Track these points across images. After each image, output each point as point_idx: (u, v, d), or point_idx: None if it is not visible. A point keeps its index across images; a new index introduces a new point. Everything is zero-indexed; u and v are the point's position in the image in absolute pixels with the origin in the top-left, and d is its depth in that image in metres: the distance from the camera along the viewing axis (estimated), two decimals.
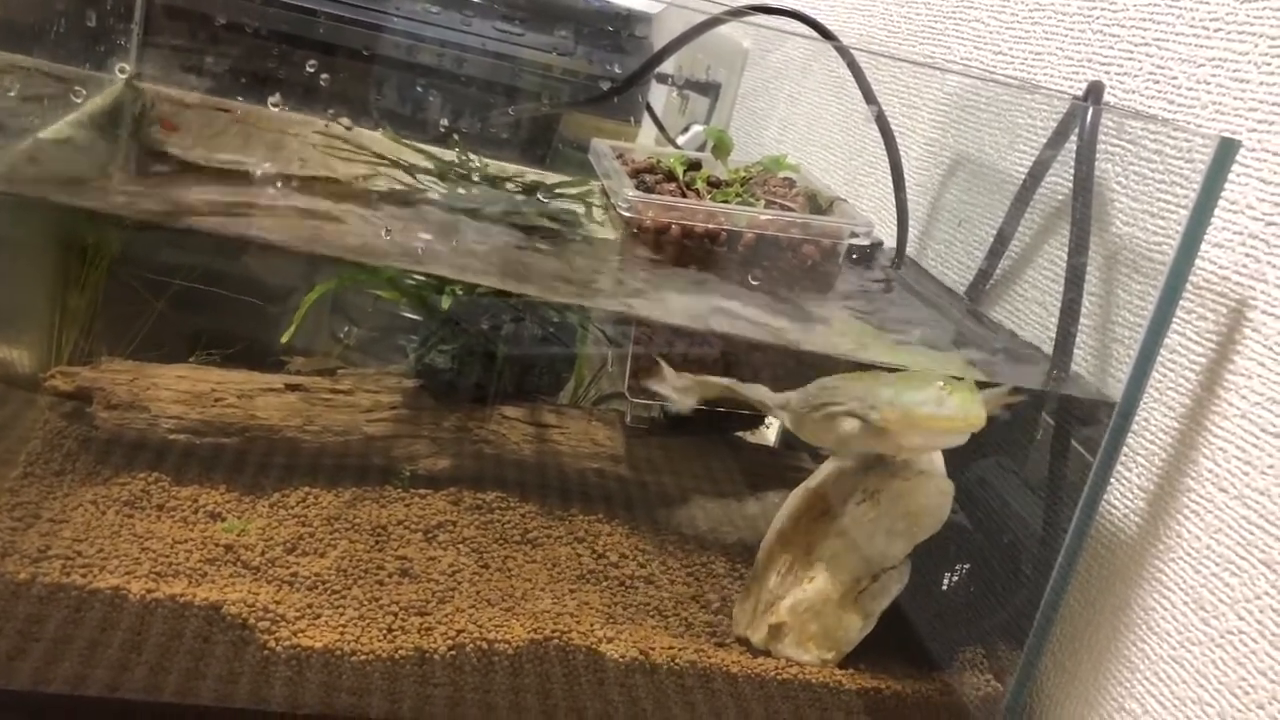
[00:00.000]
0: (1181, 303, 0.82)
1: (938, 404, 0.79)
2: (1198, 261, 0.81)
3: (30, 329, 1.02)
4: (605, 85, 1.26)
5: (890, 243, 1.14)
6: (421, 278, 1.03)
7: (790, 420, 0.91)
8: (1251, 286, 0.78)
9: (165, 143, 0.90)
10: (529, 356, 1.05)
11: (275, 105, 0.82)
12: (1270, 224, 0.77)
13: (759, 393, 0.94)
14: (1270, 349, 0.76)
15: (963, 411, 0.79)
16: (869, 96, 1.07)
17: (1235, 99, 0.82)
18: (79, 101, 0.84)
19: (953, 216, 1.14)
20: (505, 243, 0.90)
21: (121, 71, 0.90)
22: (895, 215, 1.14)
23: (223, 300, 1.12)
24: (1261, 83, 0.80)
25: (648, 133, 1.37)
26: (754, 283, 0.91)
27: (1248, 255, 0.79)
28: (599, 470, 1.02)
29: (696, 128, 1.49)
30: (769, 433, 1.18)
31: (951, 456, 0.91)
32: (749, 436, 1.12)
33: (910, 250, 1.15)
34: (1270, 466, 0.74)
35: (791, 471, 1.04)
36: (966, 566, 0.97)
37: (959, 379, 0.81)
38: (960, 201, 1.14)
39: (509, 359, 1.03)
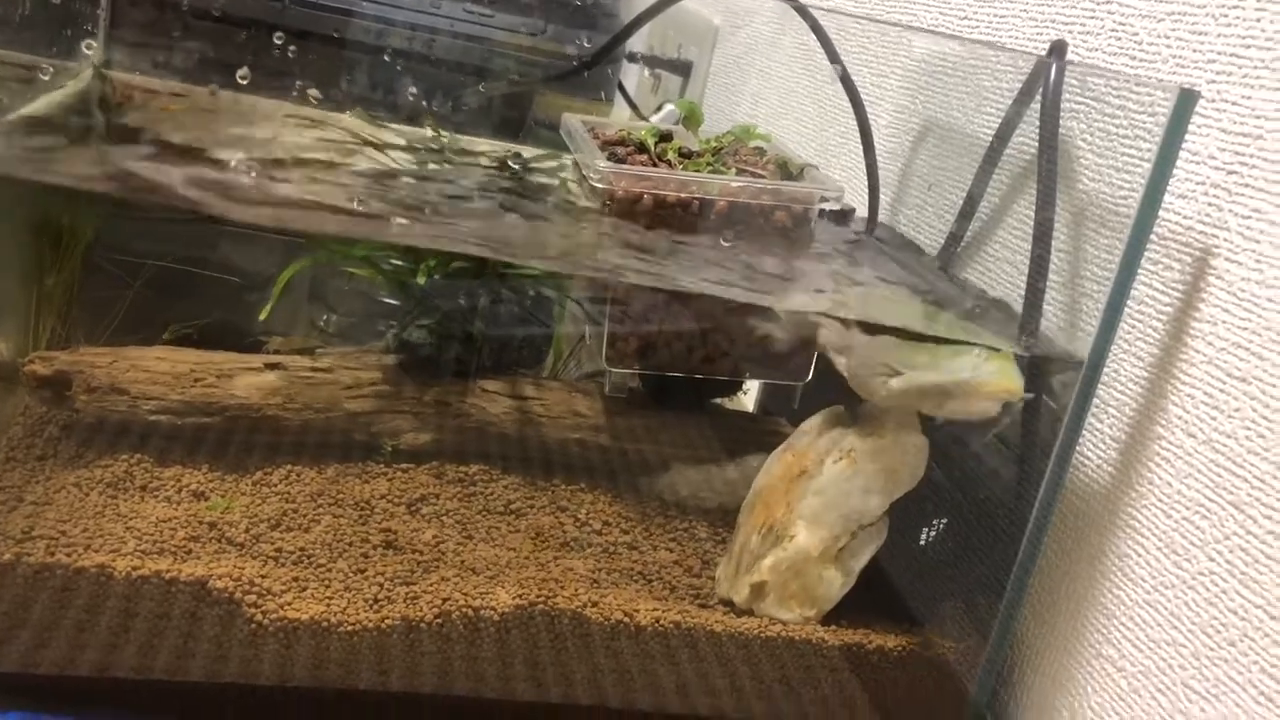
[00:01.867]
0: (1147, 254, 0.84)
1: (973, 371, 0.82)
2: (1162, 213, 0.83)
3: (7, 316, 1.02)
4: (576, 63, 1.27)
5: (863, 210, 1.15)
6: (398, 259, 1.04)
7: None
8: (1214, 234, 0.79)
9: (131, 121, 0.90)
10: (507, 330, 1.05)
11: (244, 79, 0.82)
12: (1231, 172, 0.78)
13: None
14: (1234, 295, 0.77)
15: (998, 378, 0.82)
16: (832, 56, 1.08)
17: (1194, 51, 0.83)
18: (46, 79, 0.84)
19: (923, 181, 1.16)
20: (480, 213, 0.90)
21: (89, 49, 0.90)
22: (864, 176, 1.15)
23: (200, 286, 1.12)
24: (1219, 35, 0.81)
25: (621, 114, 1.38)
26: (725, 243, 0.92)
27: (1210, 204, 0.80)
28: (580, 440, 1.03)
29: (669, 106, 1.49)
30: (747, 399, 1.20)
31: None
32: (726, 404, 1.13)
33: (883, 217, 1.16)
34: (1236, 410, 0.76)
35: (769, 436, 1.05)
36: (944, 522, 0.98)
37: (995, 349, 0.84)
38: (930, 166, 1.16)
39: (487, 333, 1.04)
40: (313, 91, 0.87)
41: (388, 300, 1.09)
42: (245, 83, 0.83)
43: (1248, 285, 0.76)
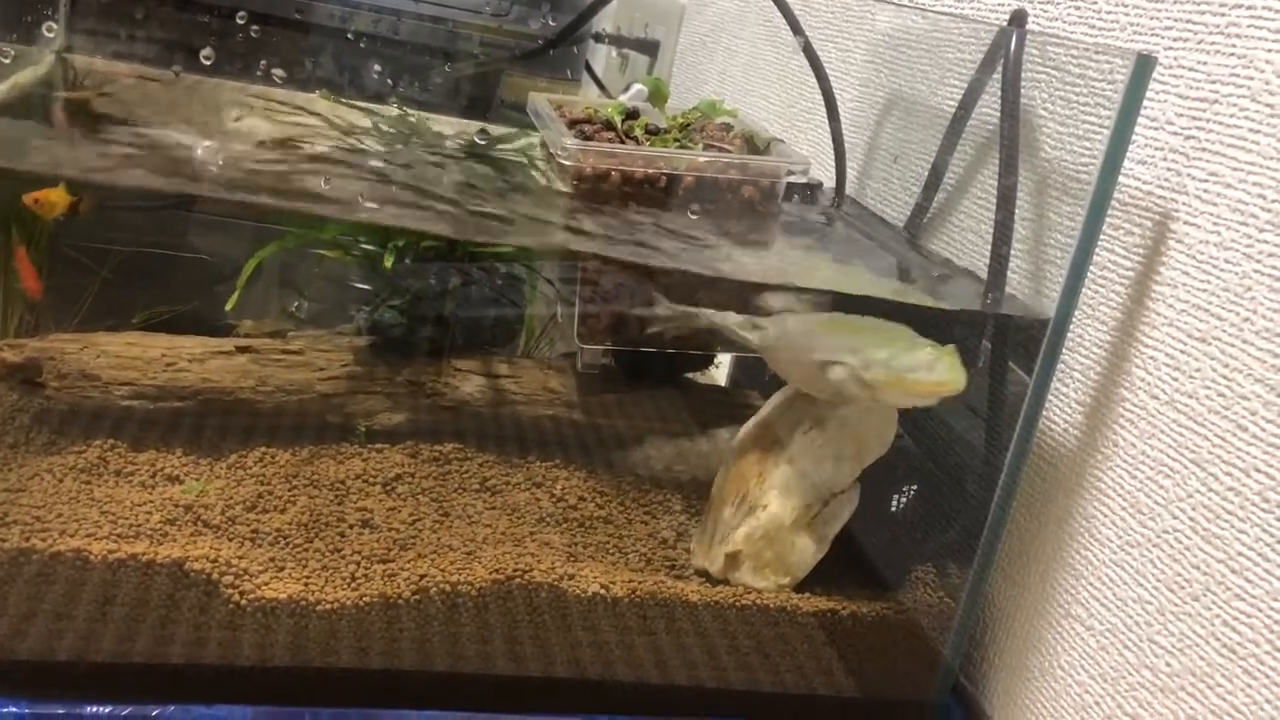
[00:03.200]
0: (1109, 219, 0.85)
1: (928, 370, 0.84)
2: (1122, 178, 0.84)
3: None
4: (542, 42, 1.28)
5: (829, 184, 1.15)
6: (367, 242, 1.04)
7: (763, 350, 0.94)
8: (1173, 199, 0.81)
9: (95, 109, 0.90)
10: (478, 309, 1.06)
11: (207, 59, 0.82)
12: (1189, 137, 0.80)
13: (731, 320, 0.96)
14: (1193, 257, 0.78)
15: (950, 377, 0.84)
16: (795, 27, 1.09)
17: (1151, 19, 0.84)
18: (8, 62, 0.84)
19: (889, 154, 1.17)
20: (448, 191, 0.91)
21: (50, 31, 0.89)
22: (833, 156, 1.16)
23: (168, 273, 1.12)
24: (1175, 1, 0.82)
25: (589, 94, 1.38)
26: (693, 215, 0.93)
27: (1169, 169, 0.81)
28: (554, 417, 1.03)
29: (637, 86, 1.50)
30: (718, 373, 1.20)
31: None
32: (698, 378, 1.14)
33: (850, 190, 1.17)
34: (1197, 370, 0.77)
35: (741, 409, 1.06)
36: (914, 488, 1.00)
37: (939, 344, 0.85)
38: (896, 139, 1.16)
39: (458, 313, 1.04)
40: (277, 71, 0.87)
41: (359, 285, 1.09)
42: (209, 63, 0.83)
43: (1206, 247, 0.77)
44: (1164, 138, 0.82)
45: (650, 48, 1.66)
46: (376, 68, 1.11)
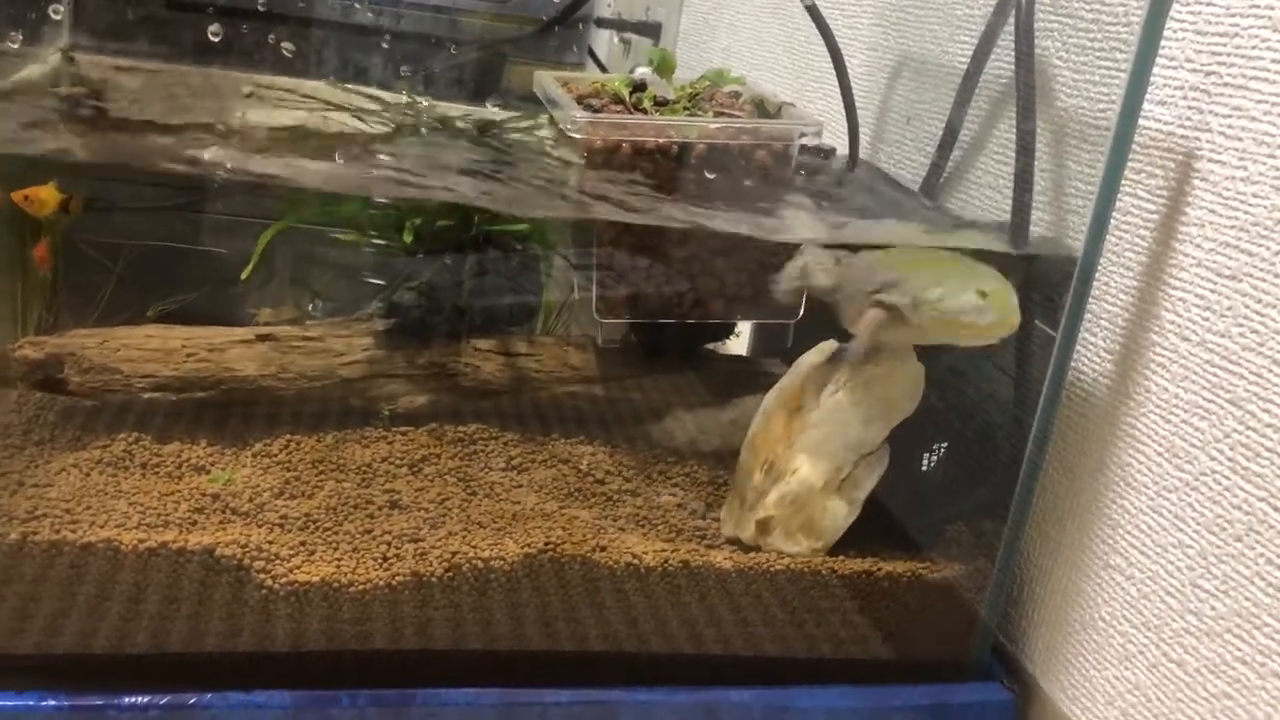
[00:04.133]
0: (1131, 163, 0.84)
1: (978, 314, 0.84)
2: (1143, 121, 0.83)
3: None
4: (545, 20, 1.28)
5: (843, 150, 1.14)
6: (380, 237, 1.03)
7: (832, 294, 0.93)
8: (1197, 137, 0.79)
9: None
10: (496, 289, 1.05)
11: (215, 35, 0.82)
12: (1209, 74, 0.79)
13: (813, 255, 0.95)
14: (1219, 195, 0.77)
15: (1000, 318, 0.84)
16: None
17: None
18: (15, 47, 0.84)
19: (901, 116, 1.16)
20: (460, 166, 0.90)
21: (55, 14, 0.89)
22: (845, 124, 1.15)
23: (181, 268, 1.11)
24: None
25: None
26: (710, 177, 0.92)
27: (1190, 107, 0.80)
28: (576, 394, 1.03)
29: (641, 69, 1.49)
30: (739, 344, 1.19)
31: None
32: (719, 348, 1.13)
33: (864, 154, 1.16)
34: (1229, 308, 0.76)
35: (763, 377, 1.05)
36: (944, 446, 0.99)
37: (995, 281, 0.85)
38: (908, 100, 1.15)
39: (476, 292, 1.04)
40: (286, 45, 0.86)
41: (372, 280, 1.08)
42: (217, 39, 0.83)
43: (1232, 183, 0.76)
44: (1184, 76, 0.81)
45: (652, 30, 1.65)
46: (382, 62, 1.11)
